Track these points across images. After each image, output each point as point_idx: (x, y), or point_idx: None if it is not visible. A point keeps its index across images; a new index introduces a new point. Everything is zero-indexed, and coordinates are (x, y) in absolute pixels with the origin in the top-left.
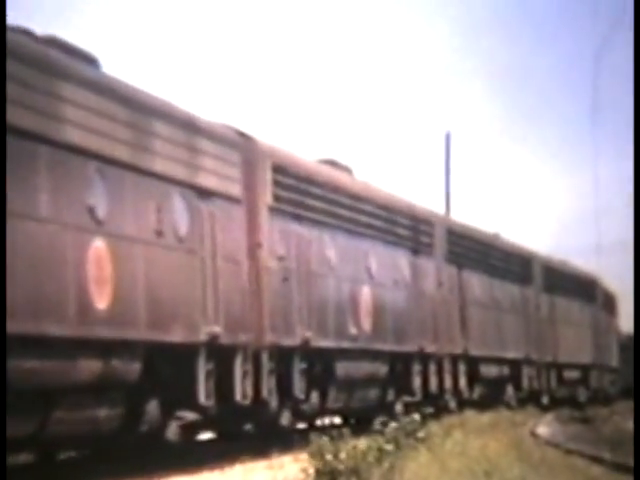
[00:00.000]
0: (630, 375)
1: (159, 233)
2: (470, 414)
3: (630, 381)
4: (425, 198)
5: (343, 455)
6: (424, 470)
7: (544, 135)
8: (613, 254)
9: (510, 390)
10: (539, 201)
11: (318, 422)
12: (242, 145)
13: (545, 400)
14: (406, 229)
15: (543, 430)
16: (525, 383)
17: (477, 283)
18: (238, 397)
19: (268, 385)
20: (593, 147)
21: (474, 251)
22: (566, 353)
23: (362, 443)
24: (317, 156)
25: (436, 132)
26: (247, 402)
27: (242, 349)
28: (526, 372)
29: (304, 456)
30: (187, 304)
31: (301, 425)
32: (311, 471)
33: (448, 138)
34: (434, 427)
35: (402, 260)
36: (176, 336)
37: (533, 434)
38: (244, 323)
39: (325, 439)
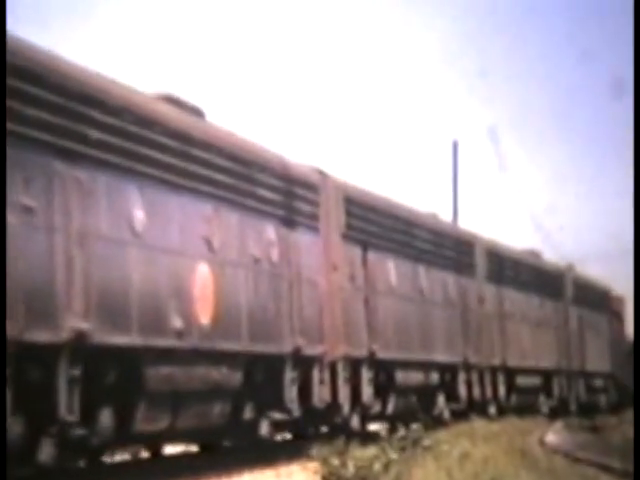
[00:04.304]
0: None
1: None
2: (477, 422)
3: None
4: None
5: (351, 463)
6: (431, 478)
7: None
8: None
9: (441, 401)
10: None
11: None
12: None
13: (492, 410)
14: (274, 192)
15: (551, 438)
16: (462, 392)
17: (393, 269)
18: None
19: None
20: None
21: (389, 229)
22: (519, 355)
23: (369, 451)
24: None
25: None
26: None
27: None
28: (463, 379)
29: (312, 465)
30: None
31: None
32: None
33: (455, 146)
34: (441, 435)
35: (267, 233)
36: None
37: (541, 442)
38: None
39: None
